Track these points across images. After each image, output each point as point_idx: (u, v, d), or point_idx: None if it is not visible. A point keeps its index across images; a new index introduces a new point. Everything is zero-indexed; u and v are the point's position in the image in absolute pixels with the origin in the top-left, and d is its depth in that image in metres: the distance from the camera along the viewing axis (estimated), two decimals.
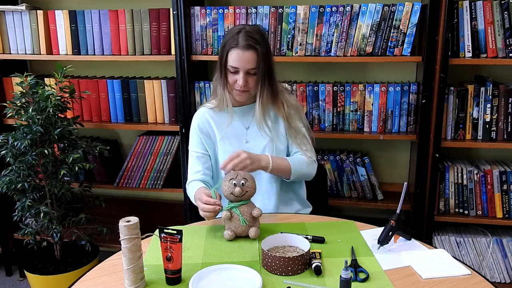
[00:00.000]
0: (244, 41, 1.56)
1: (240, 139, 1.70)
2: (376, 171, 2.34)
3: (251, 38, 1.56)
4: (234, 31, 1.59)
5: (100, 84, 2.35)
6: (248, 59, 1.56)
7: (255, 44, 1.56)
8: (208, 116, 1.72)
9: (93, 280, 1.19)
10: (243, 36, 1.57)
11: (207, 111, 1.74)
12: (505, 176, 2.06)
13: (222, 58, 1.60)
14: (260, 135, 1.68)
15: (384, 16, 1.99)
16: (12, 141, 1.99)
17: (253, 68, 1.58)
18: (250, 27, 1.62)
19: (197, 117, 1.75)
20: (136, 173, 2.41)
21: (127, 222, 1.11)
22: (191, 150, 1.74)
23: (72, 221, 2.17)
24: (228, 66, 1.59)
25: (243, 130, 1.71)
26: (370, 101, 2.13)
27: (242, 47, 1.56)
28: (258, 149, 1.68)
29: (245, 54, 1.56)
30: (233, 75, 1.60)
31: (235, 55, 1.57)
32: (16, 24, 2.34)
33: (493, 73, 2.18)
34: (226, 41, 1.60)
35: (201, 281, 1.14)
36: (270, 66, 1.63)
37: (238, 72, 1.59)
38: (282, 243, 1.31)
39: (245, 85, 1.60)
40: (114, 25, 2.24)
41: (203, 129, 1.72)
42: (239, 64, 1.57)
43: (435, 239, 2.17)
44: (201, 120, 1.73)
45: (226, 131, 1.70)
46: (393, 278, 1.18)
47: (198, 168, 1.71)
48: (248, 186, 1.38)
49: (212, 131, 1.72)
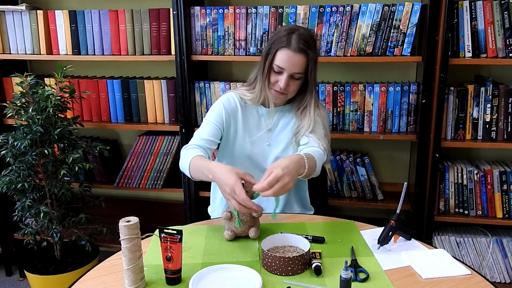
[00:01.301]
0: (297, 43, 1.50)
1: (263, 140, 1.66)
2: (376, 171, 2.34)
3: (305, 41, 1.51)
4: (287, 31, 1.53)
5: (100, 84, 2.35)
6: (297, 63, 1.51)
7: (307, 49, 1.51)
8: (239, 105, 1.65)
9: (93, 280, 1.19)
10: (296, 37, 1.51)
11: (239, 100, 1.66)
12: (505, 176, 2.06)
13: (269, 55, 1.54)
14: (282, 139, 1.65)
15: (384, 16, 1.99)
16: (12, 141, 1.99)
17: (299, 72, 1.53)
18: (304, 30, 1.56)
19: (228, 99, 1.67)
20: (136, 173, 2.41)
21: (127, 222, 1.11)
22: (209, 118, 1.64)
23: (72, 221, 2.17)
24: (274, 65, 1.54)
25: (265, 131, 1.66)
26: (370, 101, 2.13)
27: (294, 49, 1.50)
28: (277, 151, 1.64)
29: (296, 56, 1.51)
30: (276, 75, 1.55)
31: (284, 55, 1.51)
32: (16, 24, 2.34)
33: (493, 73, 2.18)
34: (276, 39, 1.54)
35: (201, 281, 1.14)
36: (315, 75, 1.58)
37: (282, 73, 1.53)
38: (282, 243, 1.31)
39: (286, 88, 1.55)
40: (114, 25, 2.24)
41: (229, 110, 1.64)
42: (286, 65, 1.52)
43: (435, 239, 2.17)
44: (231, 103, 1.65)
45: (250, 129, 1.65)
46: (393, 278, 1.18)
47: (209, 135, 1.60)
48: (248, 186, 1.37)
49: (236, 119, 1.65)
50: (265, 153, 1.66)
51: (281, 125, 1.66)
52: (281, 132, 1.66)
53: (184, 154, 1.56)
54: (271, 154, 1.65)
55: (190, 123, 2.24)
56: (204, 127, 1.63)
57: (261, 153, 1.65)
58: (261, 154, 1.66)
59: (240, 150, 1.65)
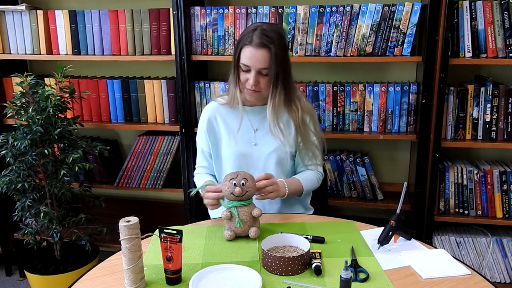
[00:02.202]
0: (258, 39, 1.50)
1: (248, 141, 1.67)
2: (376, 171, 2.34)
3: (266, 36, 1.50)
4: (251, 28, 1.54)
5: (100, 84, 2.35)
6: (260, 58, 1.51)
7: (269, 43, 1.50)
8: (217, 113, 1.69)
9: (93, 280, 1.19)
10: (258, 33, 1.51)
11: (217, 107, 1.71)
12: (505, 176, 2.06)
13: (236, 54, 1.56)
14: (270, 139, 1.64)
15: (384, 16, 1.99)
16: (12, 141, 1.99)
17: (265, 68, 1.52)
18: (268, 26, 1.56)
19: (207, 111, 1.72)
20: (136, 173, 2.41)
21: (127, 222, 1.11)
22: (199, 144, 1.74)
23: (72, 221, 2.17)
24: (241, 64, 1.55)
25: (251, 131, 1.67)
26: (370, 101, 2.13)
27: (256, 44, 1.50)
28: (265, 152, 1.65)
29: (258, 52, 1.51)
30: (245, 74, 1.56)
31: (247, 52, 1.52)
32: (16, 24, 2.34)
33: (493, 73, 2.18)
34: (241, 38, 1.55)
35: (201, 281, 1.13)
36: (285, 68, 1.56)
37: (250, 71, 1.54)
38: (282, 243, 1.31)
39: (256, 85, 1.55)
40: (114, 25, 2.24)
41: (210, 127, 1.69)
42: (250, 62, 1.52)
43: (435, 239, 2.17)
44: (210, 115, 1.70)
45: (234, 130, 1.66)
46: (393, 278, 1.18)
47: (204, 163, 1.75)
48: (248, 186, 1.38)
49: (219, 128, 1.69)
50: (254, 153, 1.66)
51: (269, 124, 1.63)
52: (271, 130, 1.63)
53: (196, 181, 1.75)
54: (261, 154, 1.65)
55: (190, 123, 2.24)
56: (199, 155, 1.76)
57: (249, 153, 1.66)
58: (249, 155, 1.66)
59: (227, 152, 1.67)
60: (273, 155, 1.64)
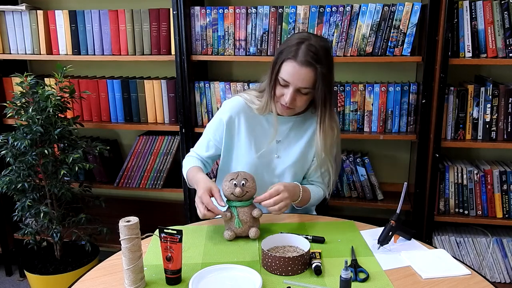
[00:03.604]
0: (304, 55, 1.37)
1: (271, 152, 1.57)
2: (376, 171, 2.34)
3: (313, 53, 1.37)
4: (296, 40, 1.41)
5: (100, 84, 2.35)
6: (303, 77, 1.39)
7: (316, 63, 1.37)
8: (243, 112, 1.57)
9: (93, 280, 1.19)
10: (305, 49, 1.38)
11: (244, 106, 1.57)
12: (505, 176, 2.06)
13: (275, 66, 1.43)
14: (291, 151, 1.57)
15: (384, 16, 1.99)
16: (12, 141, 1.99)
17: (306, 87, 1.41)
18: (316, 40, 1.41)
19: (230, 106, 1.58)
20: (136, 173, 2.41)
21: (127, 222, 1.11)
22: (208, 132, 1.63)
23: (72, 221, 2.17)
24: (279, 77, 1.42)
25: (273, 142, 1.57)
26: (370, 101, 2.13)
27: (301, 62, 1.37)
28: (286, 165, 1.58)
29: (302, 70, 1.38)
30: (281, 88, 1.44)
31: (290, 68, 1.39)
32: (16, 24, 2.34)
33: (493, 73, 2.18)
34: (284, 48, 1.42)
35: (201, 281, 1.13)
36: (331, 88, 1.46)
37: (288, 87, 1.42)
38: (282, 243, 1.31)
39: (292, 103, 1.44)
40: (114, 25, 2.24)
41: (230, 123, 1.57)
42: (291, 79, 1.40)
43: (435, 239, 2.17)
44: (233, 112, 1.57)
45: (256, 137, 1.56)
46: (393, 278, 1.18)
47: (203, 153, 1.64)
48: (248, 187, 1.38)
49: (239, 129, 1.58)
50: (272, 165, 1.59)
51: (292, 136, 1.57)
52: (293, 144, 1.58)
53: (185, 161, 1.63)
54: (278, 167, 1.59)
55: (190, 123, 2.24)
56: (203, 141, 1.64)
57: (268, 165, 1.58)
58: (267, 167, 1.59)
59: (245, 159, 1.57)
60: (292, 168, 1.58)
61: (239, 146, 1.59)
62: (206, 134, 1.65)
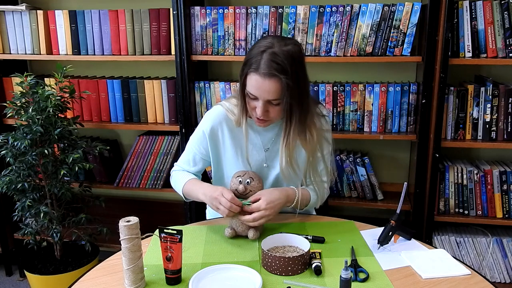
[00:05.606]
0: (267, 67, 1.27)
1: (260, 161, 1.52)
2: (376, 171, 2.34)
3: (276, 63, 1.27)
4: (260, 48, 1.30)
5: (100, 84, 2.35)
6: (268, 89, 1.30)
7: (279, 73, 1.27)
8: (225, 122, 1.50)
9: (93, 280, 1.19)
10: (266, 59, 1.28)
11: (225, 116, 1.50)
12: (505, 176, 2.06)
13: (241, 79, 1.35)
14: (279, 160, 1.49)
15: (384, 16, 1.99)
16: (12, 141, 1.99)
17: (275, 99, 1.32)
18: (280, 47, 1.29)
19: (212, 117, 1.51)
20: (136, 173, 2.41)
21: (127, 222, 1.11)
22: (192, 146, 1.56)
23: (72, 221, 2.17)
24: (247, 91, 1.34)
25: (261, 151, 1.52)
26: (370, 101, 2.13)
27: (263, 74, 1.28)
28: (276, 172, 1.53)
29: (265, 83, 1.29)
30: (252, 101, 1.36)
31: (253, 81, 1.31)
32: (16, 24, 2.34)
33: (493, 73, 2.18)
34: (248, 59, 1.33)
35: (201, 281, 1.14)
36: (301, 97, 1.34)
37: (258, 100, 1.34)
38: (282, 243, 1.31)
39: (265, 115, 1.36)
40: (114, 25, 2.24)
41: (213, 135, 1.51)
42: (258, 92, 1.32)
43: (435, 239, 2.17)
44: (214, 123, 1.50)
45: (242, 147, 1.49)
46: (393, 278, 1.18)
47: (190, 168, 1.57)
48: (252, 186, 1.38)
49: (223, 140, 1.52)
50: (263, 174, 1.53)
51: (280, 143, 1.46)
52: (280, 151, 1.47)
53: (176, 177, 1.56)
54: (269, 175, 1.54)
55: (190, 123, 2.24)
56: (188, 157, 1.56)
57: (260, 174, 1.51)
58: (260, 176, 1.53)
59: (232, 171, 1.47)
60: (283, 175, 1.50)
61: (226, 157, 1.54)
62: (190, 148, 1.57)
